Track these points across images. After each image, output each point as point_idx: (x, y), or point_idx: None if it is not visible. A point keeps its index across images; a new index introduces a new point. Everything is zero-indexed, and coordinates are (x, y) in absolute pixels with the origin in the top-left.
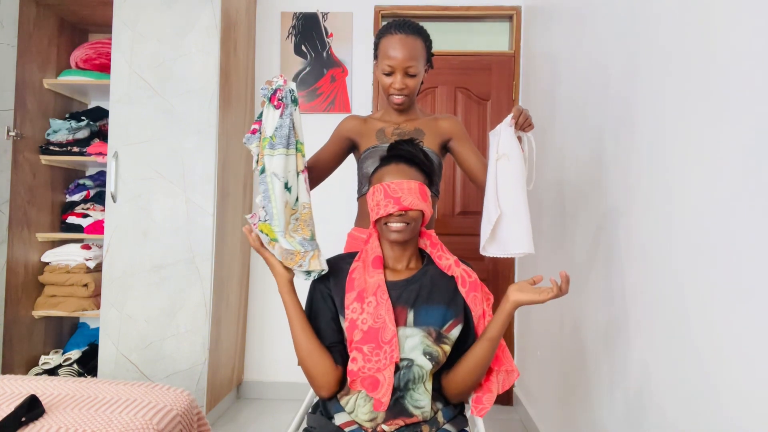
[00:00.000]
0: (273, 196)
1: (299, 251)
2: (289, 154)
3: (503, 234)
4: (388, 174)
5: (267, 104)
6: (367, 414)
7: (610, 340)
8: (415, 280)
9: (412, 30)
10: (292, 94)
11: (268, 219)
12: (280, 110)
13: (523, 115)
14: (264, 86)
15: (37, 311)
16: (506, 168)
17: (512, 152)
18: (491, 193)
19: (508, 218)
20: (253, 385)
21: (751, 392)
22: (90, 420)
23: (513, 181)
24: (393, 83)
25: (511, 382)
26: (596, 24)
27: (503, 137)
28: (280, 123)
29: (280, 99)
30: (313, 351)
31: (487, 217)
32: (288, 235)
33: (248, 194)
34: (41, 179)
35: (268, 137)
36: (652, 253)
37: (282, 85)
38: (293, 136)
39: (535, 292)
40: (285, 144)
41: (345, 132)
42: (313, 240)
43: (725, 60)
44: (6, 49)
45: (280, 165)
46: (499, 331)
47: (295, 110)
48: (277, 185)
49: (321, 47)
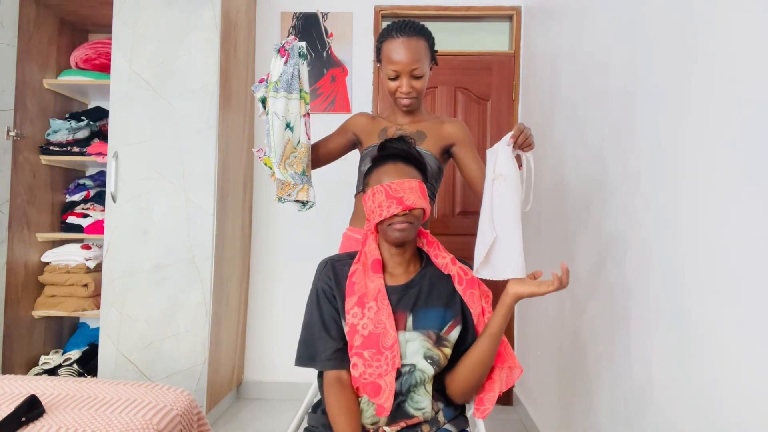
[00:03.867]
0: (272, 132)
1: (290, 183)
2: (291, 98)
3: (496, 257)
4: (387, 174)
5: (275, 55)
6: (369, 418)
7: (610, 340)
8: (414, 284)
9: (414, 31)
10: (300, 49)
11: (269, 153)
12: (285, 58)
13: (523, 135)
14: (276, 42)
15: (37, 311)
16: (502, 189)
17: (509, 173)
18: (486, 215)
19: (502, 241)
20: (253, 385)
21: (752, 392)
22: (90, 420)
23: (508, 203)
24: (400, 87)
25: (514, 379)
26: (596, 24)
27: (500, 157)
28: (284, 70)
29: (286, 50)
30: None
31: (482, 239)
32: (283, 167)
33: (248, 194)
34: (41, 179)
35: (273, 82)
36: (652, 252)
37: (291, 40)
38: (297, 83)
39: (535, 284)
40: (287, 89)
41: (352, 127)
42: (304, 175)
43: (726, 59)
44: (6, 49)
45: (281, 106)
46: (501, 325)
47: (302, 63)
48: (277, 123)
49: (321, 47)
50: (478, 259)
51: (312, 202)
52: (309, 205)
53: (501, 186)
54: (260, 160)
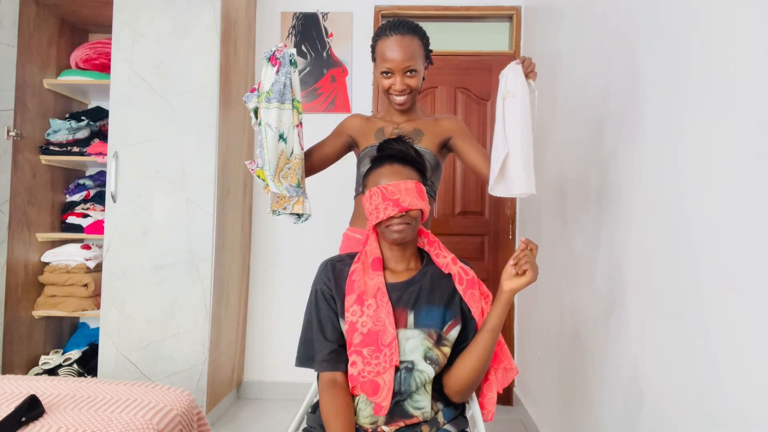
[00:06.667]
0: (265, 144)
1: (285, 196)
2: (283, 108)
3: (509, 173)
4: (383, 176)
5: (266, 63)
6: (368, 417)
7: (610, 340)
8: (415, 282)
9: (407, 29)
10: (291, 57)
11: (262, 165)
12: (276, 68)
13: (528, 60)
14: (266, 50)
15: (37, 311)
16: (512, 106)
17: (518, 91)
18: (499, 132)
19: (514, 157)
20: (253, 385)
21: (752, 392)
22: (90, 420)
23: (519, 119)
24: (393, 84)
25: (509, 380)
26: (596, 24)
27: (510, 77)
28: (276, 79)
29: (277, 58)
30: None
31: (496, 156)
32: (277, 180)
33: (248, 194)
34: (41, 179)
35: (265, 92)
36: (652, 252)
37: (281, 47)
38: (289, 93)
39: (522, 273)
40: (279, 99)
41: (347, 129)
42: (299, 187)
43: (726, 59)
44: (6, 49)
45: (273, 117)
46: (498, 321)
47: (293, 71)
48: (270, 135)
49: (321, 47)
50: (493, 176)
51: (308, 215)
52: (304, 218)
53: (511, 103)
54: (252, 172)
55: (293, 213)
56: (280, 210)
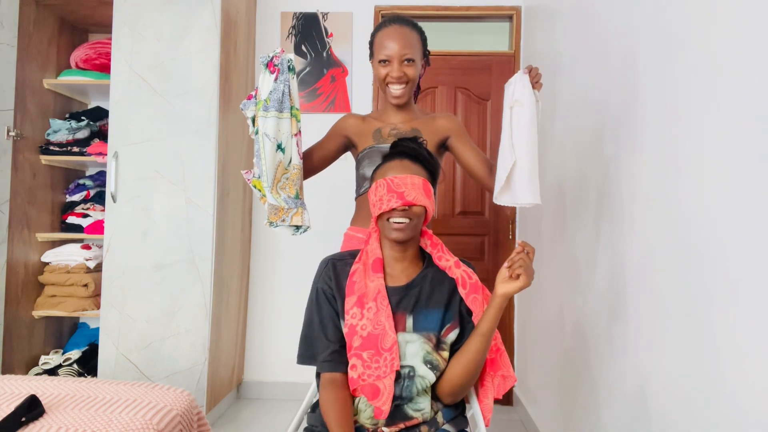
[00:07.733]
0: (263, 155)
1: (283, 207)
2: (281, 117)
3: (515, 183)
4: (392, 169)
5: (264, 70)
6: (368, 419)
7: (610, 340)
8: (415, 285)
9: (406, 23)
10: (289, 63)
11: (259, 175)
12: (274, 75)
13: (535, 69)
14: (263, 55)
15: (37, 311)
16: (520, 115)
17: (525, 99)
18: (506, 141)
19: (521, 165)
20: (253, 385)
21: (753, 392)
22: (90, 420)
23: (526, 128)
24: (390, 72)
25: (506, 388)
26: (596, 23)
27: (518, 86)
28: (274, 87)
29: (275, 65)
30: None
31: (503, 164)
32: (275, 191)
33: (248, 194)
34: (41, 179)
35: (263, 100)
36: (653, 252)
37: (279, 53)
38: (288, 101)
39: (516, 278)
40: (278, 107)
41: (343, 130)
42: (297, 198)
43: (726, 58)
44: (6, 49)
45: (271, 126)
46: (490, 325)
47: (292, 78)
48: (268, 145)
49: (321, 47)
50: (499, 185)
51: (307, 226)
52: (303, 229)
53: (519, 112)
54: (249, 182)
55: (292, 225)
56: (278, 222)
